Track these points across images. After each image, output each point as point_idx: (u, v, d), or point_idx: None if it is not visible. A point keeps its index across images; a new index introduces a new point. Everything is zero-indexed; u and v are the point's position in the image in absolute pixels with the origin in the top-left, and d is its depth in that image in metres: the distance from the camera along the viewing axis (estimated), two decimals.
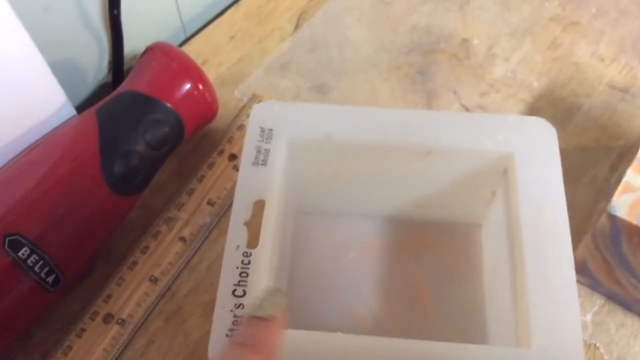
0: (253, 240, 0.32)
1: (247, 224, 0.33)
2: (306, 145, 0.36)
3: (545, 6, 0.55)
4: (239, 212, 0.33)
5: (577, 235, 0.33)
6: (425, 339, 0.30)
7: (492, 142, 0.35)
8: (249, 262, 0.32)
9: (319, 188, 0.40)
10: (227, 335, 0.30)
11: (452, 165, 0.37)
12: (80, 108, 0.43)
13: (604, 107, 0.49)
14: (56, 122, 0.41)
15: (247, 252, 0.32)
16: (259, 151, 0.35)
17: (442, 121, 0.36)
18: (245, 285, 0.31)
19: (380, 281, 0.39)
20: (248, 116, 0.47)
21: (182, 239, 0.42)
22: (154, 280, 0.40)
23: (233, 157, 0.45)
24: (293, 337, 0.29)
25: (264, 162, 0.35)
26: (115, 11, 0.45)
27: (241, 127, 0.47)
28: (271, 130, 0.36)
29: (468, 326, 0.38)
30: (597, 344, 0.38)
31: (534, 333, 0.30)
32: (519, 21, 0.54)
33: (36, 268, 0.34)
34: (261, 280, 0.31)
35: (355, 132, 0.36)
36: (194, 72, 0.42)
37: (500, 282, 0.35)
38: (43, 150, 0.38)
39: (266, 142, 0.36)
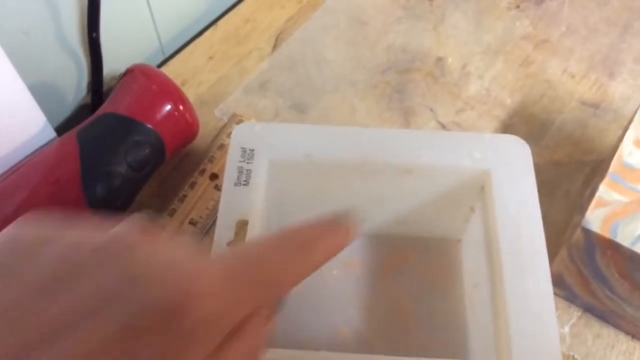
0: None
1: (231, 244, 0.33)
2: (287, 164, 0.37)
3: (517, 25, 0.57)
4: (222, 233, 0.33)
5: (552, 249, 0.34)
6: (408, 355, 0.30)
7: (470, 160, 0.36)
8: None
9: (301, 207, 0.40)
10: None
11: (431, 182, 0.38)
12: (59, 129, 0.43)
13: (576, 123, 0.50)
14: (36, 144, 0.41)
15: None
16: (240, 171, 0.36)
17: (420, 140, 0.37)
18: None
19: (363, 298, 0.40)
20: (228, 135, 0.48)
21: None
22: None
23: (214, 176, 0.46)
24: (277, 356, 0.30)
25: (246, 182, 0.35)
26: (94, 34, 0.45)
27: (222, 147, 0.47)
28: (252, 150, 0.36)
29: (450, 340, 0.38)
30: (575, 356, 0.39)
31: (513, 346, 0.30)
32: (492, 40, 0.56)
33: None
34: None
35: (335, 151, 0.37)
36: (174, 93, 0.43)
37: (481, 296, 0.36)
38: (24, 173, 0.38)
39: (248, 163, 0.36)
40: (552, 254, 0.34)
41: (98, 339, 0.17)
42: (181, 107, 0.43)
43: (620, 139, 0.39)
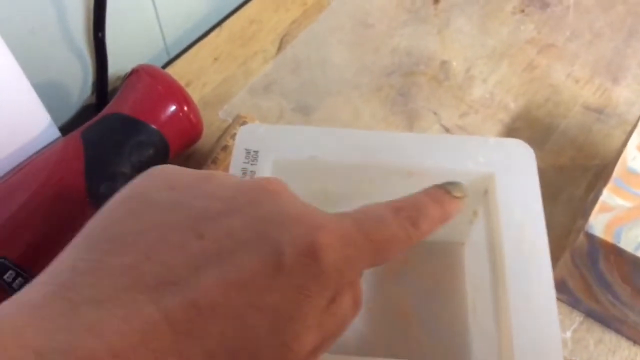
0: None
1: None
2: (291, 166, 0.37)
3: (522, 29, 0.57)
4: None
5: (555, 253, 0.34)
6: (410, 358, 0.30)
7: (473, 164, 0.36)
8: None
9: None
10: None
11: None
12: (64, 129, 0.43)
13: (580, 128, 0.50)
14: (41, 144, 0.41)
15: None
16: (244, 173, 0.36)
17: (425, 143, 0.37)
18: None
19: (365, 300, 0.40)
20: (232, 137, 0.48)
21: None
22: None
23: None
24: None
25: None
26: (100, 34, 0.45)
27: (225, 148, 0.47)
28: (257, 152, 0.36)
29: (452, 344, 0.38)
30: None
31: (515, 351, 0.30)
32: (496, 44, 0.56)
33: None
34: None
35: (339, 153, 0.37)
36: (179, 94, 0.43)
37: (483, 300, 0.36)
38: (28, 172, 0.38)
39: (252, 164, 0.36)
40: (555, 258, 0.34)
41: (247, 270, 0.19)
42: (186, 108, 0.43)
43: (624, 144, 0.39)
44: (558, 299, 0.39)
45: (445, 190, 0.26)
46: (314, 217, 0.21)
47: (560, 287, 0.39)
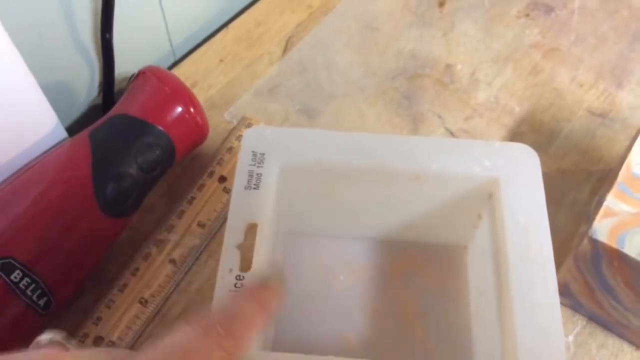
0: (246, 263, 0.33)
1: (240, 247, 0.33)
2: (298, 169, 0.37)
3: (526, 33, 0.57)
4: (232, 235, 0.34)
5: (558, 258, 0.34)
6: None
7: (479, 167, 0.36)
8: (242, 286, 0.32)
9: (310, 211, 0.41)
10: None
11: (440, 189, 0.38)
12: (70, 129, 0.44)
13: (584, 132, 0.50)
14: (48, 144, 0.41)
15: (240, 276, 0.32)
16: (251, 175, 0.36)
17: (430, 147, 0.37)
18: None
19: (369, 303, 0.40)
20: (237, 139, 0.48)
21: (172, 261, 0.42)
22: (144, 303, 0.40)
23: (223, 179, 0.46)
24: None
25: (256, 186, 0.35)
26: (108, 35, 0.45)
27: (231, 150, 0.48)
28: (263, 154, 0.37)
29: (456, 347, 0.38)
30: None
31: (519, 355, 0.30)
32: (501, 48, 0.56)
33: (28, 291, 0.35)
34: None
35: (345, 156, 0.37)
36: (185, 96, 0.43)
37: (486, 303, 0.36)
38: (36, 172, 0.38)
39: (258, 166, 0.36)
40: (558, 262, 0.34)
41: None
42: (192, 110, 0.43)
43: (629, 149, 0.40)
44: (560, 303, 0.40)
45: (262, 289, 0.26)
46: None
47: (563, 291, 0.40)
